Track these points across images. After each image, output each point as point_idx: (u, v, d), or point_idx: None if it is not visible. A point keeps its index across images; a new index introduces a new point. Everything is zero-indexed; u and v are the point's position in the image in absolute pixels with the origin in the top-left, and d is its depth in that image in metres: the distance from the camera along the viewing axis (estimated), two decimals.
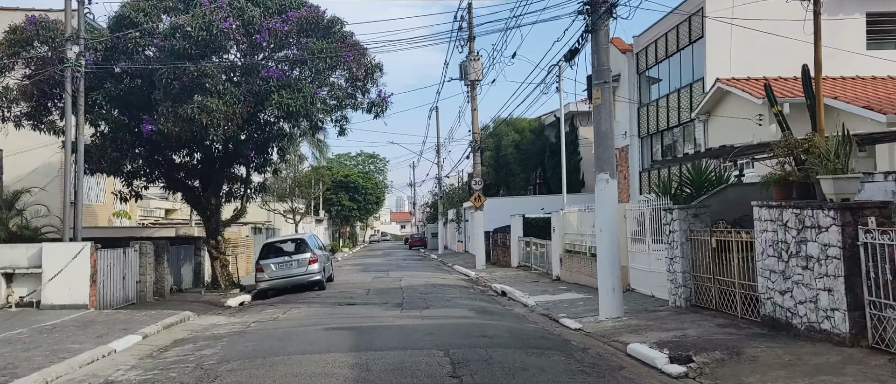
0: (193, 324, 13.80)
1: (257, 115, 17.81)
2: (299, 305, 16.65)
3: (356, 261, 43.30)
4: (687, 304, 12.91)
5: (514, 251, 28.86)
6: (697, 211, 13.02)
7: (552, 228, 22.70)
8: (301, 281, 20.40)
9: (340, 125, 21.74)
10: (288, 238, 22.49)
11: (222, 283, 20.12)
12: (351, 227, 72.75)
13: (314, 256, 20.56)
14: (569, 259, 20.91)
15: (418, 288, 20.23)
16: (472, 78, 29.23)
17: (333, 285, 22.31)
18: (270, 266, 20.28)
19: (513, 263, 28.99)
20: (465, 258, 39.52)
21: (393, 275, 26.92)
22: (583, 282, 19.35)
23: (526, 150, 40.85)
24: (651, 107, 27.92)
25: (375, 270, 30.79)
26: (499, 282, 22.49)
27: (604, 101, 13.19)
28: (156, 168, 19.80)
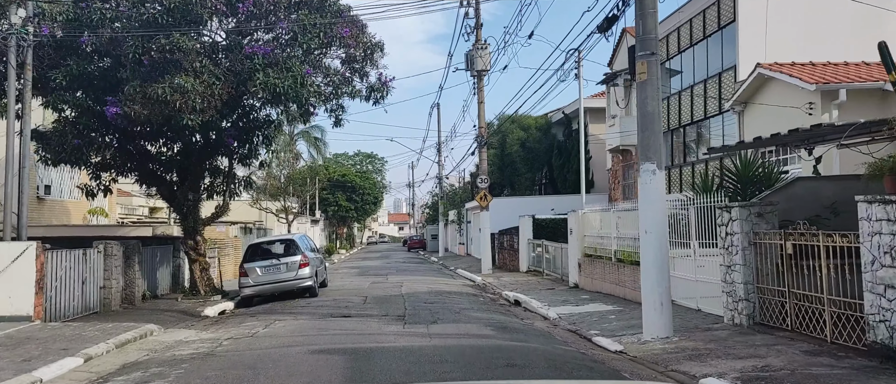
0: (154, 342, 11.44)
1: (240, 98, 15.43)
2: (285, 317, 14.29)
3: (353, 263, 40.92)
4: (750, 322, 10.58)
5: (523, 254, 26.53)
6: (763, 209, 10.71)
7: (569, 230, 20.37)
8: (290, 287, 18.07)
9: (336, 115, 19.46)
10: (276, 239, 20.14)
11: (202, 289, 17.76)
12: (348, 229, 70.35)
13: (305, 259, 18.23)
14: (589, 264, 18.58)
15: (422, 296, 17.89)
16: (478, 68, 26.92)
17: (327, 291, 19.96)
18: (255, 270, 17.94)
19: (521, 268, 26.65)
20: (467, 261, 37.15)
21: (392, 280, 24.57)
22: (607, 291, 17.03)
23: (532, 148, 38.55)
24: (671, 100, 25.62)
25: (374, 274, 28.44)
26: (509, 289, 20.16)
27: (650, 75, 10.88)
28: (128, 159, 17.43)
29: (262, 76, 14.35)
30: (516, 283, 21.96)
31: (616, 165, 30.62)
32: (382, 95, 17.70)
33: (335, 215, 56.91)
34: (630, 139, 28.41)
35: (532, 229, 26.32)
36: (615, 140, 28.86)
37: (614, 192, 30.70)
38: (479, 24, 26.98)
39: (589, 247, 18.95)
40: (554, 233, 26.23)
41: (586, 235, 19.25)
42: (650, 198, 10.75)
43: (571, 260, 20.06)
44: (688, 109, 24.34)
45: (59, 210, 23.10)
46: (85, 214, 24.55)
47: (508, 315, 14.50)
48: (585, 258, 18.98)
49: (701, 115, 23.30)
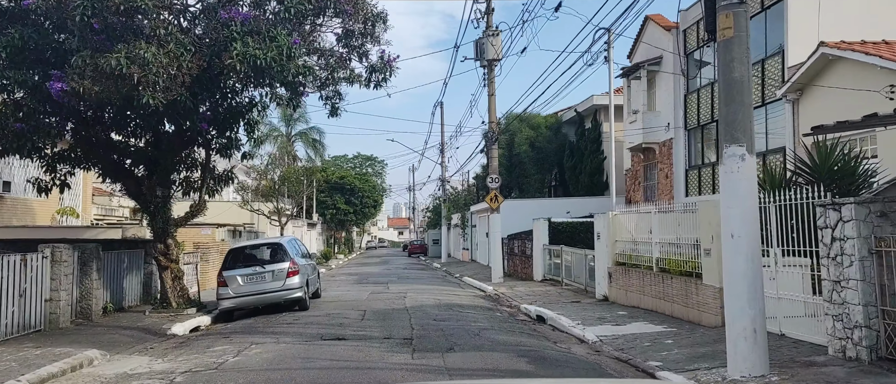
0: (88, 376, 8.75)
1: (216, 76, 12.75)
2: (266, 338, 11.61)
3: (351, 269, 38.23)
4: (872, 357, 7.93)
5: (538, 262, 23.85)
6: (888, 207, 8.05)
7: (595, 235, 17.72)
8: (276, 298, 15.41)
9: (332, 103, 16.90)
10: (261, 242, 17.44)
11: (173, 301, 15.08)
12: (347, 233, 67.62)
13: (294, 267, 15.56)
14: (622, 274, 15.92)
15: (429, 310, 15.23)
16: (489, 57, 24.29)
17: (320, 303, 17.28)
18: (236, 279, 15.27)
19: (536, 276, 23.97)
20: (473, 268, 34.47)
21: (394, 289, 21.89)
22: (647, 306, 14.38)
23: (542, 148, 35.93)
24: (703, 92, 23.00)
25: (373, 282, 25.75)
26: (527, 301, 17.51)
27: (738, 31, 8.21)
28: (89, 149, 14.76)
29: (240, 46, 11.71)
30: (533, 294, 19.29)
31: (636, 165, 27.99)
32: (385, 77, 15.09)
33: (333, 219, 54.21)
34: (653, 136, 25.82)
35: (548, 234, 23.65)
36: (636, 137, 26.22)
37: (634, 194, 28.06)
38: (490, 9, 24.38)
39: (621, 255, 16.30)
40: (572, 238, 23.61)
41: (618, 240, 16.60)
42: (738, 191, 8.08)
43: (599, 268, 17.41)
44: None
45: (21, 209, 20.44)
46: (53, 215, 21.86)
47: (537, 337, 11.82)
48: (617, 267, 16.32)
49: None
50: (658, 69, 25.66)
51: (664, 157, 25.32)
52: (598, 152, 33.62)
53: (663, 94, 25.53)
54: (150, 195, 14.53)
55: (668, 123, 24.84)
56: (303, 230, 44.05)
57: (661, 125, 25.23)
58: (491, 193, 24.48)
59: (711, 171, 22.38)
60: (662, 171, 25.43)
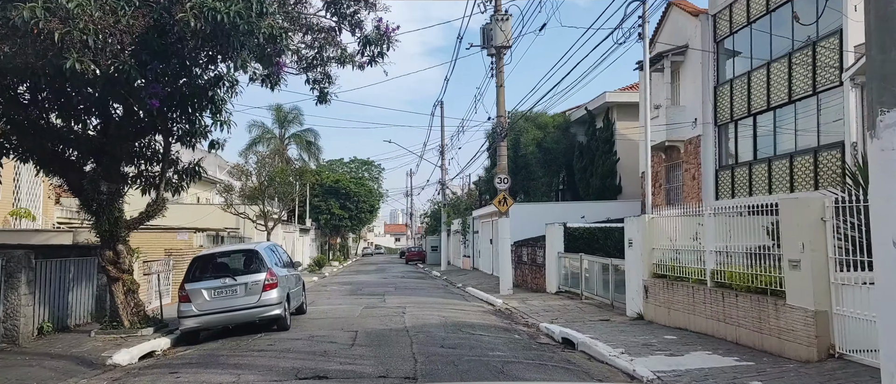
0: None
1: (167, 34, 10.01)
2: (226, 374, 8.89)
3: (345, 277, 35.43)
4: None
5: (552, 271, 21.13)
6: None
7: (627, 242, 15.03)
8: (249, 317, 12.69)
9: (321, 88, 14.37)
10: (233, 249, 14.63)
11: (126, 319, 12.33)
12: (342, 239, 64.80)
13: (272, 279, 12.82)
14: (663, 288, 13.22)
15: (433, 331, 12.51)
16: (498, 43, 21.64)
17: (304, 321, 14.53)
18: (201, 293, 12.52)
19: (549, 287, 21.26)
20: (476, 277, 31.72)
21: (391, 302, 19.16)
22: (697, 328, 11.69)
23: (549, 149, 33.25)
24: (737, 83, 20.37)
25: (368, 294, 23.00)
26: (546, 318, 14.84)
27: None
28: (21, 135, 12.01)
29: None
30: (551, 310, 16.59)
31: (657, 166, 25.31)
32: (382, 50, 12.43)
33: (327, 224, 51.42)
34: (678, 133, 23.16)
35: (563, 240, 20.95)
36: (657, 135, 23.52)
37: (655, 198, 25.36)
38: None
39: (660, 265, 13.61)
40: (589, 245, 20.94)
41: (655, 248, 13.90)
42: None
43: (631, 281, 14.71)
44: (762, 93, 19.06)
45: None
46: (6, 217, 19.08)
47: (574, 372, 9.09)
48: (656, 280, 13.61)
49: (785, 97, 18.02)
50: (683, 59, 23.04)
51: (690, 157, 22.66)
52: (611, 153, 30.97)
53: (689, 87, 22.90)
54: (92, 191, 11.78)
55: (694, 119, 22.19)
56: (295, 236, 41.25)
57: (687, 121, 22.58)
58: (499, 195, 21.78)
59: (747, 171, 19.72)
60: (688, 172, 22.77)
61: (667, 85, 23.21)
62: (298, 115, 58.96)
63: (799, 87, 17.48)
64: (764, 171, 19.05)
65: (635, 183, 30.30)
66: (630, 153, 30.70)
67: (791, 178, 17.80)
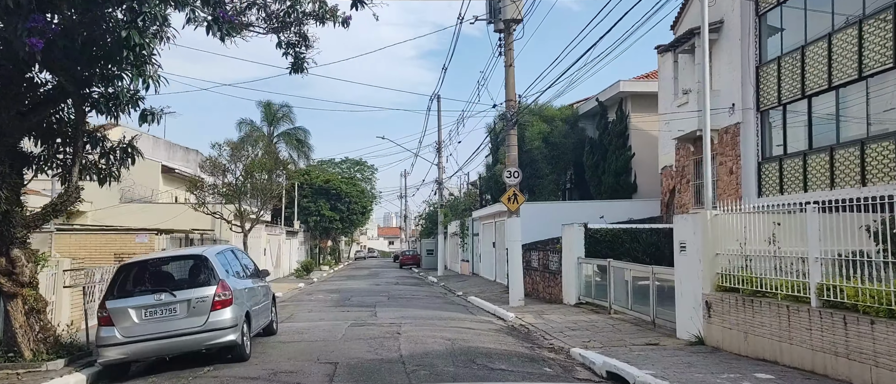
0: None
1: None
2: None
3: (334, 283, 32.15)
4: None
5: (570, 279, 17.94)
6: None
7: (676, 246, 11.86)
8: (192, 344, 9.46)
9: (295, 52, 11.40)
10: (173, 255, 11.22)
11: (27, 348, 9.09)
12: (334, 242, 61.40)
13: (224, 294, 9.58)
14: (736, 306, 10.05)
15: (438, 363, 9.32)
16: (507, 16, 18.48)
17: (270, 347, 11.28)
18: (128, 313, 9.28)
19: (566, 298, 18.07)
20: (478, 284, 28.48)
21: (384, 316, 15.93)
22: (793, 362, 8.58)
23: (556, 144, 30.09)
24: (787, 61, 17.24)
25: (357, 304, 19.76)
26: (574, 339, 11.72)
27: None
28: None
29: None
30: (577, 327, 13.42)
31: (684, 159, 22.18)
32: None
33: (317, 226, 48.07)
34: (713, 120, 19.97)
35: (584, 244, 17.76)
36: (687, 123, 20.38)
37: (681, 195, 22.22)
38: None
39: (727, 275, 10.44)
40: (613, 249, 17.82)
41: (720, 253, 10.74)
42: None
43: (685, 294, 11.53)
44: (820, 71, 15.94)
45: None
46: None
47: None
48: (723, 294, 10.44)
49: (855, 73, 14.90)
50: (717, 37, 19.91)
51: (726, 148, 19.52)
52: (625, 148, 27.84)
53: (724, 69, 19.77)
54: None
55: (732, 104, 19.05)
56: (280, 238, 37.94)
57: (723, 107, 19.43)
58: (509, 191, 18.59)
59: (801, 163, 16.59)
60: (723, 165, 19.62)
61: (698, 66, 20.04)
62: (288, 113, 55.72)
63: (874, 59, 14.36)
64: (823, 163, 15.92)
65: (653, 180, 27.20)
66: (646, 147, 27.60)
67: (862, 169, 14.68)
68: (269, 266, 35.25)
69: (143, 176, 30.05)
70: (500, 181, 31.53)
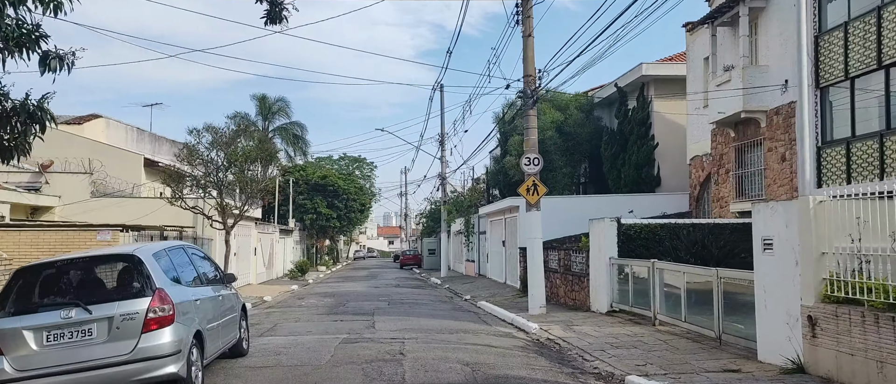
0: None
1: None
2: None
3: (330, 285, 29.40)
4: None
5: (600, 283, 15.21)
6: None
7: (758, 243, 9.13)
8: (117, 378, 6.65)
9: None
10: (90, 256, 8.24)
11: None
12: (332, 241, 58.60)
13: (162, 309, 6.85)
14: (860, 326, 7.32)
15: None
16: None
17: (232, 377, 8.54)
18: (23, 337, 6.55)
19: (596, 305, 15.35)
20: (486, 286, 25.73)
21: (383, 328, 13.20)
22: None
23: (571, 134, 27.37)
24: (855, 28, 14.50)
25: (352, 312, 17.03)
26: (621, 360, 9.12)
27: None
28: None
29: None
30: (619, 343, 10.72)
31: (722, 146, 19.45)
32: None
33: (313, 225, 45.28)
34: (760, 100, 17.23)
35: (617, 241, 15.02)
36: (729, 104, 17.65)
37: (719, 187, 19.47)
38: None
39: (839, 282, 7.70)
40: (648, 247, 15.11)
41: (827, 253, 8.00)
42: None
43: (773, 305, 8.79)
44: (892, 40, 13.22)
45: None
46: None
47: None
48: (834, 307, 7.72)
49: None
50: (765, 5, 17.21)
51: (777, 131, 16.78)
52: (647, 138, 25.12)
53: (773, 42, 17.06)
54: None
55: (785, 81, 16.32)
56: (273, 237, 35.17)
57: (773, 84, 16.72)
58: (528, 181, 15.85)
59: (877, 146, 13.84)
60: (773, 152, 16.89)
61: (743, 39, 17.33)
62: (284, 107, 53.00)
63: None
64: None
65: (679, 172, 24.50)
66: (671, 136, 24.90)
67: None
68: (261, 267, 32.49)
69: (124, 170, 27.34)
70: (510, 174, 28.85)
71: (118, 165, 27.43)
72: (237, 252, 27.25)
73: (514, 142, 28.22)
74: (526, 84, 16.03)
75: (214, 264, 9.35)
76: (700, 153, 21.60)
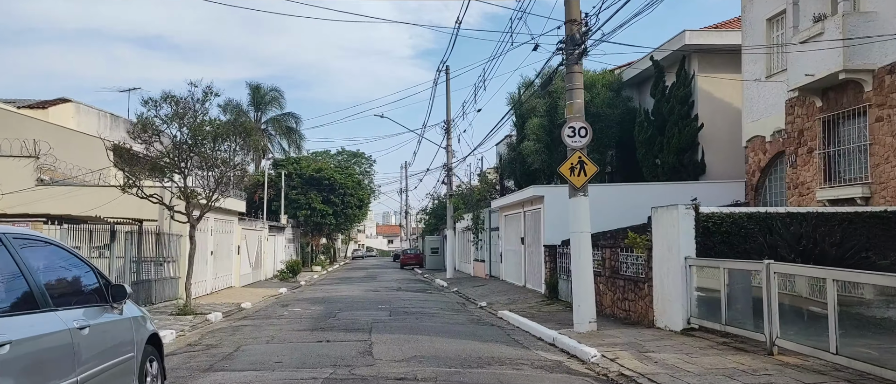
0: None
1: None
2: None
3: (322, 289, 25.45)
4: None
5: (672, 291, 11.27)
6: None
7: None
8: None
9: None
10: None
11: None
12: (329, 240, 54.63)
13: None
14: None
15: None
16: None
17: None
18: None
19: (667, 320, 11.43)
20: (501, 290, 21.75)
21: (384, 355, 9.30)
22: None
23: (600, 115, 23.45)
24: None
25: (343, 327, 13.10)
26: None
27: None
28: None
29: None
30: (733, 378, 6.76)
31: (805, 120, 15.47)
32: None
33: (307, 221, 41.32)
34: (866, 56, 13.40)
35: (695, 236, 11.08)
36: (819, 65, 13.71)
37: (800, 170, 15.51)
38: None
39: None
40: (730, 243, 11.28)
41: None
42: None
43: None
44: None
45: None
46: None
47: None
48: None
49: None
50: None
51: (891, 95, 12.83)
52: (690, 118, 21.25)
53: None
54: None
55: None
56: (261, 234, 31.19)
57: (883, 34, 12.77)
58: (573, 157, 11.93)
59: None
60: (886, 122, 12.94)
61: None
62: (278, 97, 49.13)
63: None
64: None
65: (729, 157, 20.65)
66: (718, 117, 21.05)
67: None
68: (246, 267, 28.49)
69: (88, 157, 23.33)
70: (528, 162, 24.88)
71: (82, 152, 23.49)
72: (215, 250, 23.28)
73: (533, 125, 24.31)
74: (570, 31, 12.08)
75: (95, 272, 5.35)
76: (761, 133, 17.70)
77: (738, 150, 19.77)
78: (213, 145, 15.79)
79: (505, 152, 29.20)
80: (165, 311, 15.99)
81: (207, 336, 12.45)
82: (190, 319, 14.87)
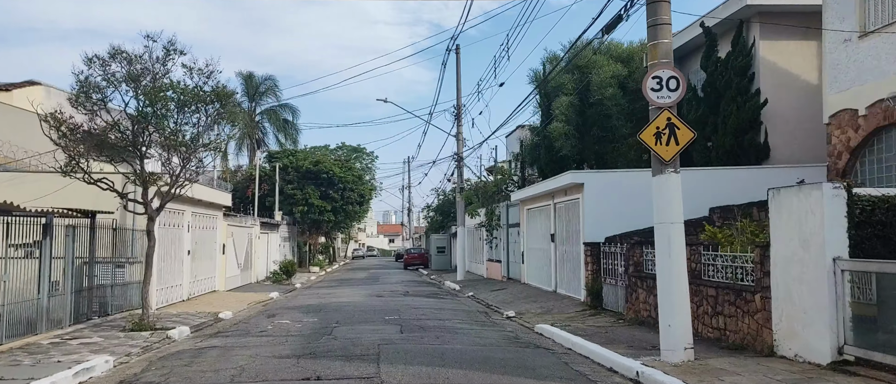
0: None
1: None
2: None
3: (317, 294, 21.92)
4: None
5: (811, 305, 7.77)
6: None
7: None
8: None
9: None
10: None
11: None
12: (327, 238, 51.07)
13: None
14: None
15: None
16: None
17: None
18: None
19: (799, 347, 7.95)
20: (528, 295, 18.21)
21: None
22: None
23: (639, 92, 19.92)
24: None
25: (339, 352, 9.59)
26: None
27: None
28: None
29: None
30: None
31: None
32: None
33: (304, 218, 37.80)
34: None
35: (846, 228, 7.56)
36: None
37: None
38: None
39: None
40: (882, 235, 7.61)
41: None
42: None
43: None
44: None
45: None
46: None
47: None
48: None
49: None
50: None
51: None
52: (750, 94, 17.77)
53: None
54: None
55: None
56: (252, 232, 27.64)
57: None
58: (660, 118, 8.50)
59: None
60: None
61: None
62: (273, 87, 45.70)
63: None
64: None
65: (799, 138, 17.21)
66: (784, 92, 17.60)
67: None
68: (234, 268, 24.99)
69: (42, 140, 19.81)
70: (556, 146, 21.36)
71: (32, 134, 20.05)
72: (193, 249, 19.77)
73: (561, 104, 20.77)
74: None
75: None
76: (852, 105, 14.22)
77: (812, 130, 16.34)
78: (177, 117, 12.28)
79: (526, 137, 25.65)
80: (116, 326, 12.50)
81: (155, 365, 8.98)
82: (145, 336, 11.41)
